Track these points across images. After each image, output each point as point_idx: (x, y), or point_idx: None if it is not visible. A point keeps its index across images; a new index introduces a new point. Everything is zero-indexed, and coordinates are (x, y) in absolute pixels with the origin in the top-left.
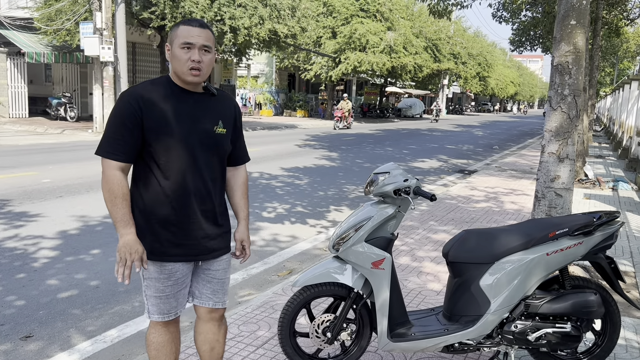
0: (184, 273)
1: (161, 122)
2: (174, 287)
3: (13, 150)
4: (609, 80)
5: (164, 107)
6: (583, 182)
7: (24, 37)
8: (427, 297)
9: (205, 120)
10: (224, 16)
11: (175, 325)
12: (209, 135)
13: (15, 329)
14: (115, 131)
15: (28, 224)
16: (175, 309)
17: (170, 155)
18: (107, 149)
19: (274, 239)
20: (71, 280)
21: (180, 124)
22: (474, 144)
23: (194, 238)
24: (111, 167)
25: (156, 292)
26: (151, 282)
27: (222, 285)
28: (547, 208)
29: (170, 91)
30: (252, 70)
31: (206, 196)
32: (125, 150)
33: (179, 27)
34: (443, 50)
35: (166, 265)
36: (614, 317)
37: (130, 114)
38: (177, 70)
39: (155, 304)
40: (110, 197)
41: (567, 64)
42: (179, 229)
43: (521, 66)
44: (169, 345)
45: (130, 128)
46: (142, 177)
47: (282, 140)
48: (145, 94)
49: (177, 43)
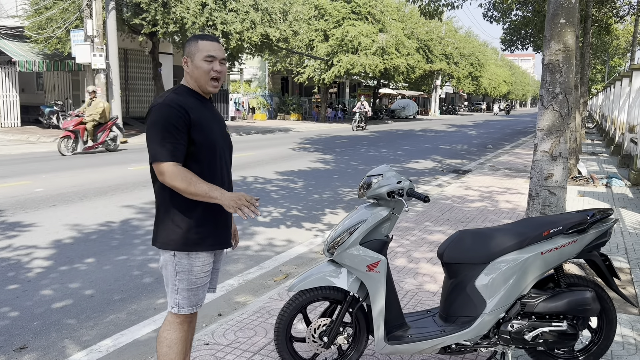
0: (212, 266)
1: (202, 123)
2: (205, 279)
3: (5, 160)
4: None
5: (200, 111)
6: (577, 180)
7: (15, 45)
8: (424, 298)
9: (222, 123)
10: (216, 21)
11: (191, 322)
12: (225, 135)
13: (9, 340)
14: (168, 136)
15: (21, 234)
16: (202, 300)
17: (207, 153)
18: (165, 153)
19: (269, 244)
20: (65, 289)
21: (213, 125)
22: (467, 143)
23: (225, 228)
24: (172, 166)
25: (188, 285)
26: (184, 275)
27: (217, 274)
28: (541, 206)
29: (194, 98)
30: (244, 74)
31: (229, 189)
32: (179, 151)
33: (198, 42)
34: (435, 51)
35: (200, 256)
36: (609, 314)
37: (179, 118)
38: (199, 80)
39: (187, 297)
40: (185, 183)
41: (557, 63)
42: (215, 221)
43: (513, 65)
44: (181, 344)
45: (182, 130)
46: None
47: (276, 144)
48: (185, 102)
49: (199, 56)
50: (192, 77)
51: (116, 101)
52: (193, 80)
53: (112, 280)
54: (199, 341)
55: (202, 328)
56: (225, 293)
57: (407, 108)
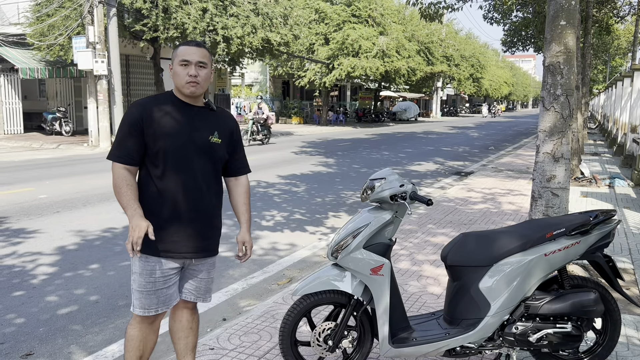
0: (168, 273)
1: (160, 128)
2: (155, 284)
3: (9, 167)
4: (601, 78)
5: (163, 117)
6: (579, 180)
7: (17, 53)
8: (428, 301)
9: (201, 129)
10: (217, 26)
11: (150, 325)
12: (204, 143)
13: (15, 347)
14: (121, 138)
15: (26, 240)
16: (156, 307)
17: (167, 158)
18: (115, 153)
19: (273, 248)
20: (71, 296)
21: (179, 132)
22: (469, 145)
23: (185, 236)
24: (118, 167)
25: (139, 287)
26: (136, 276)
27: (206, 284)
28: (544, 208)
29: (171, 103)
30: (246, 78)
31: (199, 199)
32: (129, 154)
33: (178, 48)
34: (436, 53)
35: (150, 261)
36: (614, 315)
37: (133, 122)
38: (177, 84)
39: (138, 298)
40: (117, 189)
41: (558, 64)
42: (170, 227)
43: (514, 66)
44: (137, 341)
45: (134, 134)
46: (141, 178)
47: (278, 148)
48: (149, 104)
49: (176, 61)
50: (174, 82)
51: (118, 107)
52: (175, 86)
53: (117, 286)
54: (204, 346)
55: (206, 333)
56: (230, 297)
57: (408, 110)
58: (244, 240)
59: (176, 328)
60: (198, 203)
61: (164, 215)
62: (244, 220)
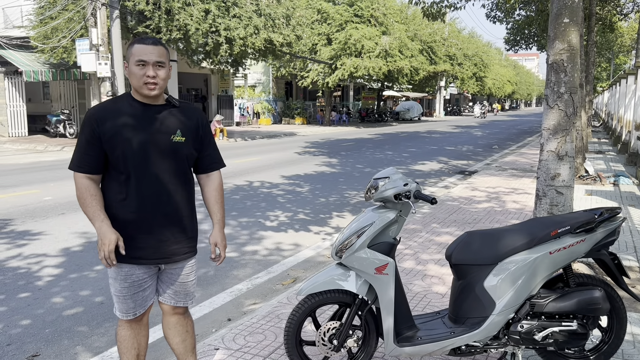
0: (142, 277)
1: (117, 134)
2: (130, 289)
3: (14, 169)
4: (605, 76)
5: (121, 121)
6: (584, 179)
7: (21, 56)
8: (433, 300)
9: (162, 130)
10: (219, 27)
11: (138, 323)
12: (166, 144)
13: (21, 348)
14: (80, 147)
15: (31, 242)
16: (134, 310)
17: (128, 163)
18: (75, 162)
19: (277, 248)
20: (76, 297)
21: (137, 134)
22: (473, 144)
23: (154, 242)
24: (80, 177)
25: (115, 292)
26: (112, 281)
27: (184, 287)
28: (548, 206)
29: (128, 105)
30: (249, 79)
31: (166, 202)
32: (89, 162)
33: (133, 46)
34: (438, 52)
35: (123, 267)
36: (619, 313)
37: (91, 130)
38: (134, 86)
39: (117, 302)
40: (81, 201)
41: (562, 62)
42: (138, 233)
43: (517, 65)
44: (130, 340)
45: (92, 142)
46: (106, 185)
47: (281, 149)
48: (103, 110)
49: (132, 61)
50: (130, 82)
51: None
52: (132, 85)
53: None
54: (209, 346)
55: (212, 333)
56: (234, 298)
57: (411, 110)
58: (215, 241)
59: (172, 334)
60: (165, 207)
61: (132, 222)
62: (217, 219)
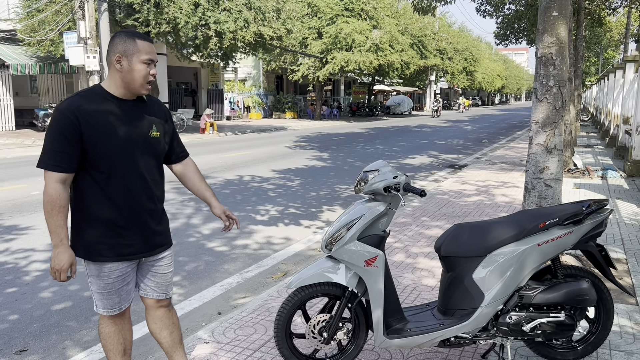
0: (125, 271)
1: (100, 131)
2: (114, 285)
3: (1, 164)
4: (594, 70)
5: (102, 117)
6: (572, 172)
7: (8, 49)
8: (422, 292)
9: (141, 125)
10: (209, 21)
11: (122, 318)
12: (145, 139)
13: (9, 343)
14: (55, 143)
15: (18, 237)
16: (119, 304)
17: (112, 161)
18: (48, 161)
19: (267, 242)
20: (64, 292)
21: (119, 131)
22: (463, 138)
23: (141, 237)
24: (53, 179)
25: (98, 289)
26: (93, 279)
27: (165, 278)
28: (537, 199)
29: (106, 101)
30: (239, 73)
31: (149, 197)
32: (66, 161)
33: (136, 41)
34: (429, 46)
35: (105, 264)
36: (607, 305)
37: (69, 126)
38: (132, 82)
39: (99, 299)
40: (48, 208)
41: (550, 55)
42: (126, 231)
43: (507, 59)
44: (116, 336)
45: (71, 140)
46: (83, 184)
47: (272, 143)
48: (82, 105)
49: (138, 58)
50: (122, 78)
51: None
52: (122, 81)
53: None
54: (199, 340)
55: (201, 327)
56: (225, 292)
57: (402, 104)
58: (222, 210)
59: (158, 328)
60: (149, 202)
61: (116, 220)
62: (210, 195)
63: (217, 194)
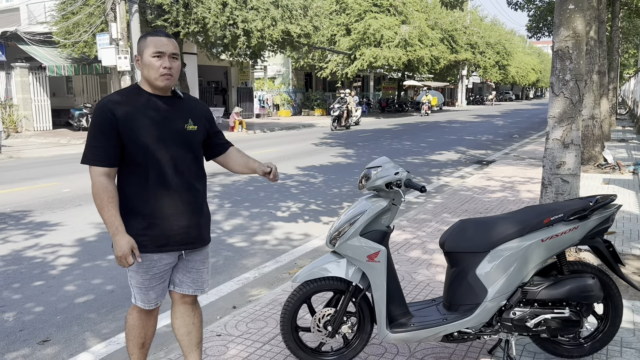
0: (164, 269)
1: (136, 125)
2: (152, 281)
3: (37, 162)
4: (632, 62)
5: (137, 113)
6: (602, 167)
7: (44, 51)
8: (436, 288)
9: (176, 120)
10: (237, 20)
11: (149, 314)
12: (180, 133)
13: (33, 333)
14: (95, 140)
15: (48, 233)
16: (155, 300)
17: (147, 154)
18: (90, 157)
19: (286, 238)
20: (88, 285)
21: (154, 126)
22: (493, 133)
23: (178, 230)
24: (97, 173)
25: (137, 284)
26: (133, 273)
27: (201, 274)
28: (554, 195)
29: (141, 97)
30: (268, 71)
31: (187, 190)
32: (106, 156)
33: (147, 38)
34: (460, 40)
35: (145, 259)
36: (615, 301)
37: (106, 122)
38: (149, 77)
39: (138, 293)
40: (98, 201)
41: (567, 49)
42: (164, 223)
43: (542, 52)
44: (138, 330)
45: (109, 135)
46: (123, 177)
47: (299, 140)
48: (118, 102)
49: (148, 52)
50: (143, 75)
51: None
52: (145, 78)
53: None
54: (212, 332)
55: (215, 320)
56: (241, 286)
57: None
58: (266, 164)
59: (178, 325)
60: (187, 194)
61: (155, 212)
62: (253, 162)
63: (241, 191)
